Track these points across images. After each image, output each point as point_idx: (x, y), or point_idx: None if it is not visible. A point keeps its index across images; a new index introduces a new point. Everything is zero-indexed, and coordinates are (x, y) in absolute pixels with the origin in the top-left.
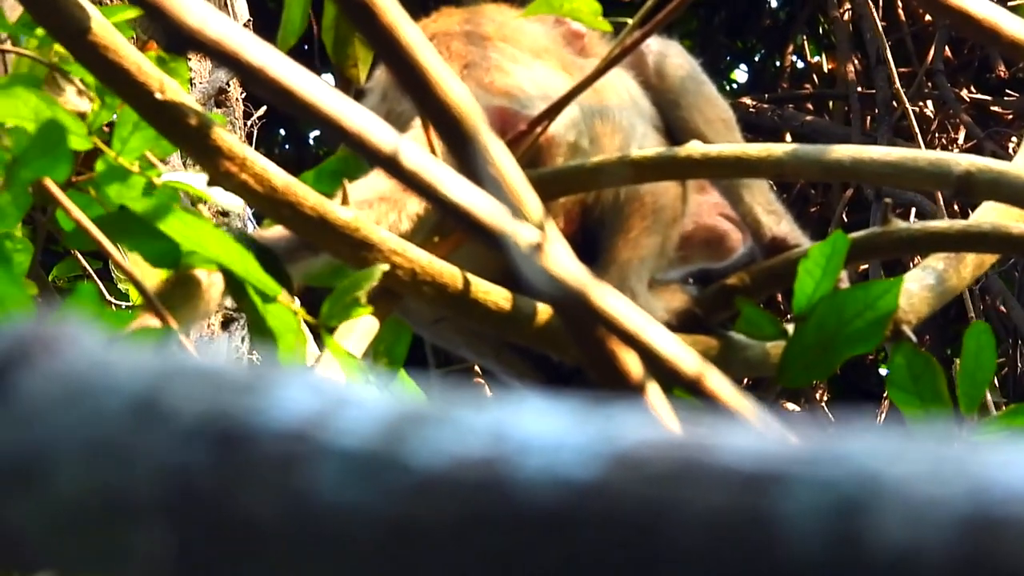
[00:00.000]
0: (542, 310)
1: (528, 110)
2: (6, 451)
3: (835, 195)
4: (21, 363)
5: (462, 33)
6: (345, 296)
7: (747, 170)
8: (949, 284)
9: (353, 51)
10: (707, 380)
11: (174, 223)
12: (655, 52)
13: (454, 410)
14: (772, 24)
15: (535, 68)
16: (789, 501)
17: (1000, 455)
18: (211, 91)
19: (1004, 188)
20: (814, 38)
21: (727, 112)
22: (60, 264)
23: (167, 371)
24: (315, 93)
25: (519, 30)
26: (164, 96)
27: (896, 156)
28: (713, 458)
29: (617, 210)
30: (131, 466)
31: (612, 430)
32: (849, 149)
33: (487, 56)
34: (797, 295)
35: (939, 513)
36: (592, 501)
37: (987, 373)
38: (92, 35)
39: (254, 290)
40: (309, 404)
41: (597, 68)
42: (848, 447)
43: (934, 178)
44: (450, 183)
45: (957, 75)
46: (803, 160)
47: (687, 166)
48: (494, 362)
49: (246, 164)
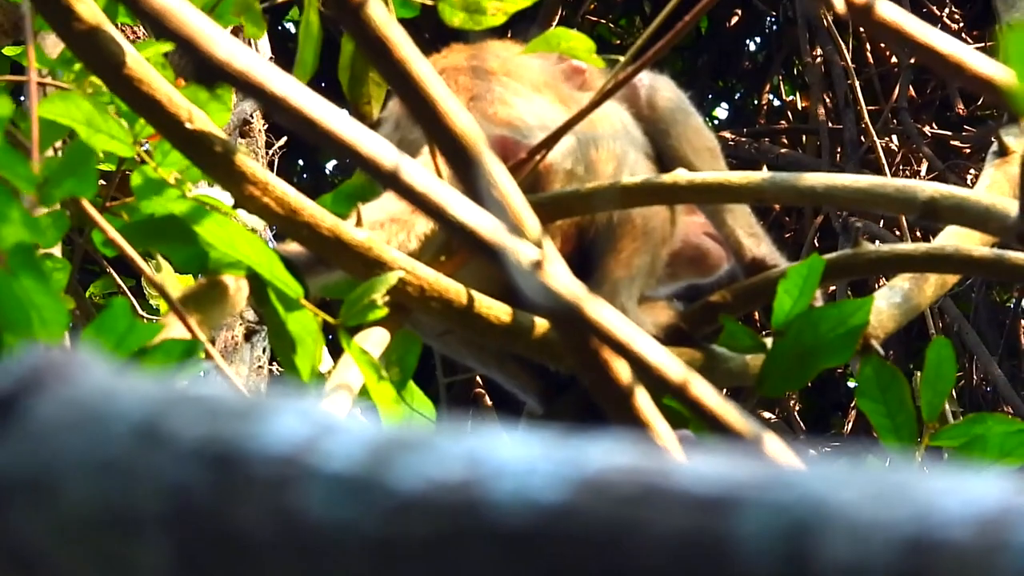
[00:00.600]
0: (540, 323)
1: (528, 139)
2: (19, 469)
3: (807, 222)
4: (35, 389)
5: (469, 68)
6: (363, 298)
7: (730, 196)
8: (914, 302)
9: (367, 89)
10: (692, 387)
11: (208, 224)
12: (647, 86)
13: (434, 437)
14: (751, 66)
15: (535, 101)
16: (744, 523)
17: (941, 482)
18: (235, 122)
19: (966, 213)
20: (789, 78)
21: (712, 142)
22: (96, 282)
23: (169, 398)
24: (333, 121)
25: (522, 66)
26: (193, 125)
27: (865, 183)
28: (674, 482)
29: (610, 231)
30: (134, 485)
31: (580, 457)
32: (822, 176)
33: (491, 89)
34: (776, 311)
35: (883, 535)
36: (561, 522)
37: (947, 384)
38: (127, 69)
39: (276, 296)
40: (300, 430)
41: (592, 100)
42: (799, 473)
43: (901, 203)
44: (456, 204)
45: (920, 112)
46: (781, 186)
47: (674, 192)
48: (497, 372)
49: (268, 188)
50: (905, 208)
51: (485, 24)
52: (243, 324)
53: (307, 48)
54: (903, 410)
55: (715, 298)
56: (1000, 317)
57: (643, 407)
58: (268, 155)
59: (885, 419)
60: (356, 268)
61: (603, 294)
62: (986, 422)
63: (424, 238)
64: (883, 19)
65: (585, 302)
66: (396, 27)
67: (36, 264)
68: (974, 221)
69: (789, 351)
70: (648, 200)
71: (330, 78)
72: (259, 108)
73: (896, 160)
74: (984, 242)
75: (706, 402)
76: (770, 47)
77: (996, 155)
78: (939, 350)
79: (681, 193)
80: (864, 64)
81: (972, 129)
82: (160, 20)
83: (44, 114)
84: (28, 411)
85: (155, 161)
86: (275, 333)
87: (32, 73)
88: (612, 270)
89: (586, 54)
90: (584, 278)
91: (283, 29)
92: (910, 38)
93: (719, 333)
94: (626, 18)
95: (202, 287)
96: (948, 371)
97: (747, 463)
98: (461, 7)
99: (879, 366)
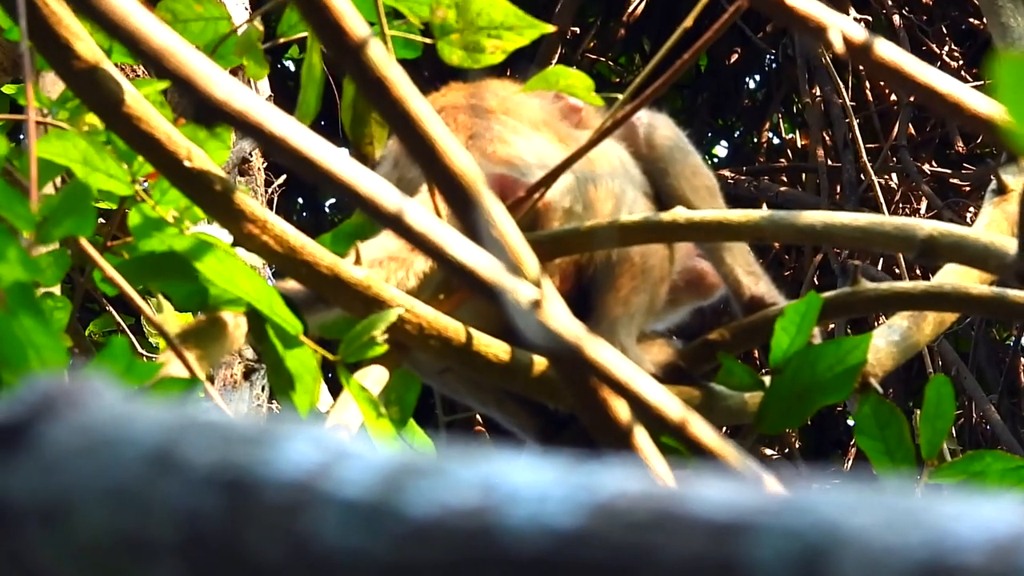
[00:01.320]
0: (538, 361)
1: (527, 177)
2: (34, 495)
3: (807, 260)
4: (48, 416)
5: (468, 107)
6: (363, 335)
7: (729, 234)
8: (912, 340)
9: (369, 129)
10: (691, 426)
11: (207, 260)
12: (645, 124)
13: (447, 463)
14: (750, 104)
15: (534, 140)
16: (758, 548)
17: (953, 507)
18: (235, 160)
19: (965, 250)
20: (788, 117)
21: (711, 180)
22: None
23: (181, 424)
24: (332, 161)
25: (520, 104)
26: (192, 164)
27: (864, 221)
28: (687, 508)
29: (609, 269)
30: (147, 511)
31: (593, 482)
32: (821, 214)
33: (490, 128)
34: (773, 349)
35: (896, 560)
36: (575, 548)
37: (947, 421)
38: (126, 107)
39: (275, 333)
40: (312, 456)
41: (590, 139)
42: (812, 499)
43: (900, 241)
44: (455, 243)
45: (919, 150)
46: (780, 225)
47: (673, 230)
48: (496, 410)
49: (267, 226)
50: (904, 246)
51: (484, 63)
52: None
53: (310, 90)
54: (902, 447)
55: (713, 336)
56: (1000, 355)
57: (642, 446)
58: (267, 193)
59: (884, 456)
60: (355, 306)
61: (601, 332)
62: (985, 459)
63: (423, 276)
64: (882, 59)
65: (584, 341)
66: (395, 67)
67: (35, 303)
68: (973, 259)
69: (787, 389)
70: (647, 238)
71: (330, 116)
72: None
73: (895, 198)
74: (983, 280)
75: (705, 441)
76: (769, 85)
77: (994, 193)
78: (938, 388)
79: (680, 231)
80: (863, 102)
81: (972, 167)
82: (159, 60)
83: (41, 153)
84: (41, 438)
85: (153, 199)
86: (274, 370)
87: (31, 112)
88: (611, 308)
89: (585, 92)
90: (582, 315)
91: (282, 67)
92: (909, 78)
93: (718, 371)
94: (625, 56)
95: (201, 323)
96: (947, 408)
97: (759, 489)
98: (460, 45)
99: (877, 404)
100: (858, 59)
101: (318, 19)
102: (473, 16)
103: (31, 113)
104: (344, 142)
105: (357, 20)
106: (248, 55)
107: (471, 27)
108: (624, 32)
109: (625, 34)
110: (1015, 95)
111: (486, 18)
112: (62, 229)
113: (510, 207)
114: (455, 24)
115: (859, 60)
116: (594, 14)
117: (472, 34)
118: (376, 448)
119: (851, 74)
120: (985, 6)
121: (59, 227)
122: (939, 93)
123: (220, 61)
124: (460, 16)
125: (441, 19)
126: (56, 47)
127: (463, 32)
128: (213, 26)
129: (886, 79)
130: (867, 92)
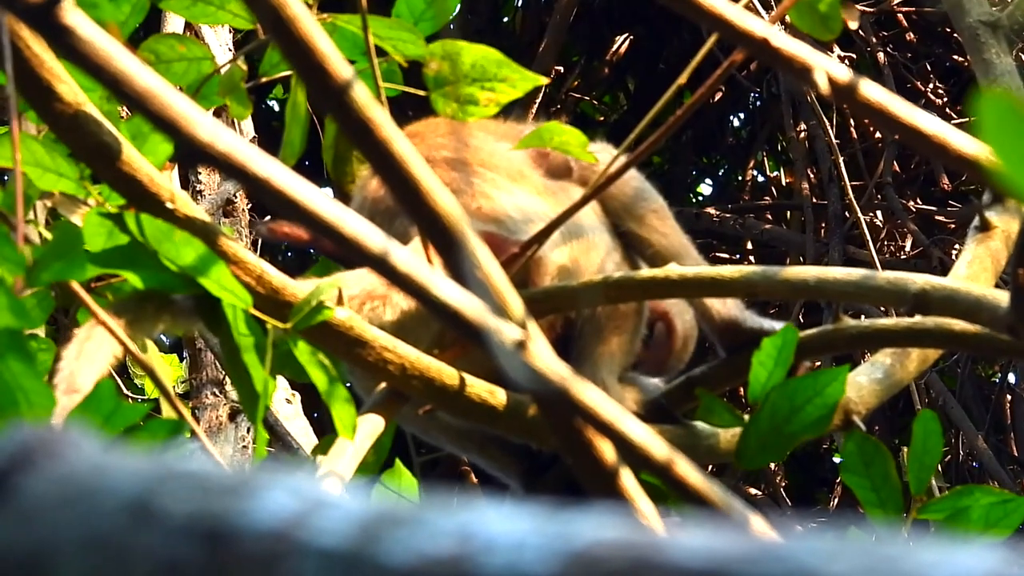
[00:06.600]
0: (523, 402)
1: (516, 235)
2: (11, 547)
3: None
4: (25, 466)
5: (443, 160)
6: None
7: (722, 290)
8: (896, 377)
9: (351, 168)
10: (676, 466)
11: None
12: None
13: (424, 511)
14: (735, 142)
15: (516, 193)
16: None
17: (932, 554)
18: (219, 202)
19: (958, 304)
20: (773, 154)
21: (656, 202)
22: None
23: (159, 474)
24: (316, 202)
25: (495, 154)
26: (174, 206)
27: (857, 276)
28: (664, 556)
29: (591, 310)
30: (126, 561)
31: (570, 531)
32: (814, 270)
33: (471, 182)
34: (752, 384)
35: None
36: None
37: (934, 457)
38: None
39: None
40: (290, 506)
41: (584, 196)
42: (791, 546)
43: (892, 295)
44: (439, 284)
45: (905, 187)
46: (772, 280)
47: (666, 287)
48: (477, 455)
49: (248, 267)
50: (897, 300)
51: (477, 116)
52: (227, 404)
53: (294, 130)
54: (888, 484)
55: (695, 373)
56: (985, 392)
57: (628, 486)
58: (251, 235)
59: (870, 493)
60: (337, 347)
61: (584, 372)
62: (973, 494)
63: (402, 312)
64: (867, 99)
65: (570, 382)
66: (378, 108)
67: (23, 347)
68: (965, 313)
69: (765, 423)
70: (641, 296)
71: (314, 156)
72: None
73: (881, 236)
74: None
75: (690, 481)
76: (754, 123)
77: (978, 230)
78: (926, 424)
79: (673, 288)
80: (848, 139)
81: (957, 204)
82: (143, 103)
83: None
84: (19, 488)
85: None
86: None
87: (17, 154)
88: (593, 348)
89: (579, 150)
90: (565, 355)
91: (266, 107)
92: (895, 119)
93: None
94: (609, 95)
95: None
96: (935, 444)
97: (737, 537)
98: (454, 98)
99: (862, 441)
100: (843, 99)
101: (301, 63)
102: (467, 68)
103: (17, 155)
104: (329, 181)
105: (340, 62)
106: (231, 95)
107: (465, 79)
108: (608, 71)
109: (609, 73)
110: (998, 131)
111: (479, 70)
112: (51, 273)
113: (502, 265)
114: (449, 76)
115: (844, 100)
116: (578, 53)
117: (466, 86)
118: (354, 497)
119: (835, 111)
120: (968, 43)
121: (48, 271)
122: (924, 134)
123: (203, 101)
124: (453, 69)
125: (435, 71)
126: (38, 89)
127: (457, 84)
128: (196, 66)
129: (871, 119)
130: (852, 129)
